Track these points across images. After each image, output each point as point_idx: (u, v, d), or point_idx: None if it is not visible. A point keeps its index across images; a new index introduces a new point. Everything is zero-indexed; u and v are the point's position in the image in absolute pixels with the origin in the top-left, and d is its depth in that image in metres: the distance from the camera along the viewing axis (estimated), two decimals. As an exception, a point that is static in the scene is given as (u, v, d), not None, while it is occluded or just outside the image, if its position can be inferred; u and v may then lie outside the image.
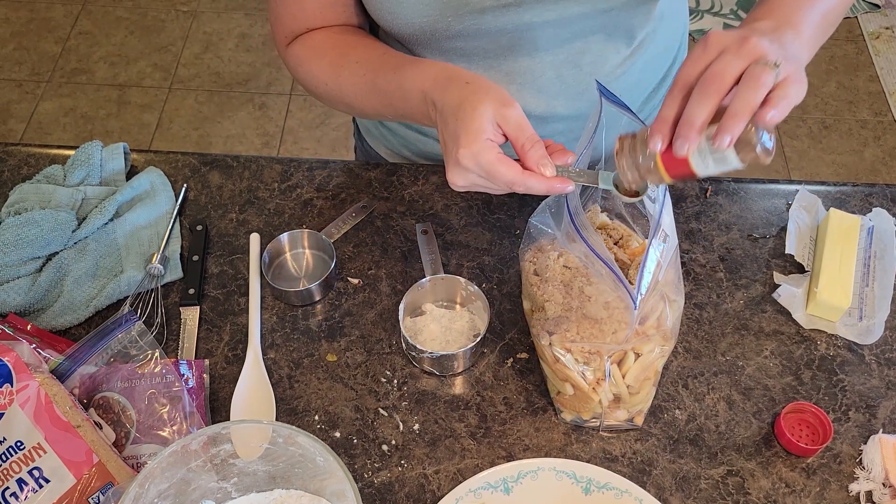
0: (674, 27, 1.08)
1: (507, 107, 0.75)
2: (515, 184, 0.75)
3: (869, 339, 0.94)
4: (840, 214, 1.01)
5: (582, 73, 1.00)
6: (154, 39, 2.80)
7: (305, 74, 0.97)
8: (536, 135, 0.76)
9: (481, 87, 0.77)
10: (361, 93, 0.92)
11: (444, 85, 0.80)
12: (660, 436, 0.88)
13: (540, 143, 0.75)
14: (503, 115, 0.75)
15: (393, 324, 0.96)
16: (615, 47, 0.99)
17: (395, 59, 0.89)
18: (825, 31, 0.84)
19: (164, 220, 1.04)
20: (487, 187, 0.78)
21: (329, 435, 0.88)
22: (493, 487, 0.83)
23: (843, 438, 0.88)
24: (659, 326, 0.79)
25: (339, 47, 0.94)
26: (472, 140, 0.74)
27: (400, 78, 0.85)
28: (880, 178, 2.43)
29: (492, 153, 0.74)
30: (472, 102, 0.76)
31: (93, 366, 0.88)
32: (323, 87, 0.96)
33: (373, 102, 0.91)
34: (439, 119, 0.80)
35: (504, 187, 0.76)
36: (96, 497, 0.78)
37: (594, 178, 0.76)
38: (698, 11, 2.89)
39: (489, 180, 0.76)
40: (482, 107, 0.75)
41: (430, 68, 0.83)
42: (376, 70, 0.89)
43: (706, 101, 0.67)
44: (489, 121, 0.75)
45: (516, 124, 0.75)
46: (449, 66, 0.83)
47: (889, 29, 2.85)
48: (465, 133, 0.74)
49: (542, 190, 0.75)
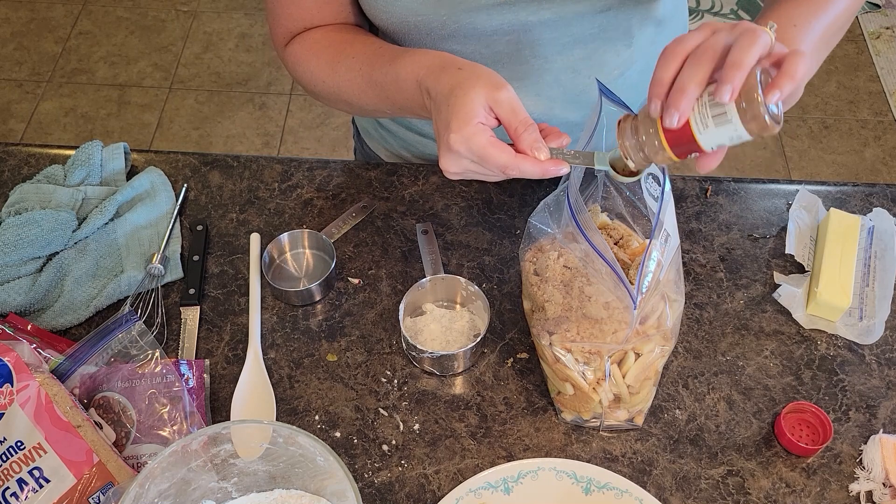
0: (674, 25, 1.08)
1: (499, 90, 0.75)
2: (508, 167, 0.74)
3: (869, 339, 0.94)
4: (840, 214, 1.01)
5: (580, 77, 0.99)
6: (154, 39, 2.80)
7: (303, 73, 0.97)
8: (530, 118, 0.75)
9: (473, 72, 0.77)
10: (358, 87, 0.91)
11: (438, 72, 0.79)
12: (660, 436, 0.88)
13: (534, 126, 0.75)
14: (495, 99, 0.74)
15: (393, 324, 0.96)
16: (614, 50, 0.99)
17: (391, 51, 0.88)
18: (828, 44, 0.84)
19: (164, 220, 1.04)
20: (481, 173, 0.77)
21: (329, 435, 0.88)
22: (493, 487, 0.83)
23: (843, 438, 0.88)
24: (659, 326, 0.79)
25: (336, 45, 0.94)
26: (463, 124, 0.73)
27: (395, 69, 0.85)
28: (881, 178, 2.43)
29: (483, 137, 0.73)
30: (464, 87, 0.75)
31: (93, 366, 0.88)
32: (321, 84, 0.96)
33: (370, 97, 0.91)
34: (433, 107, 0.79)
35: (497, 172, 0.75)
36: (97, 497, 0.78)
37: (590, 159, 0.74)
38: (698, 11, 2.89)
39: (482, 165, 0.75)
40: (473, 91, 0.74)
41: (424, 57, 0.83)
42: (372, 63, 0.89)
43: (697, 67, 0.65)
44: (480, 105, 0.74)
45: (509, 107, 0.75)
46: (443, 54, 0.82)
47: (889, 29, 2.85)
48: (455, 118, 0.74)
49: (536, 173, 0.74)
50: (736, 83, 0.63)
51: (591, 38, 0.96)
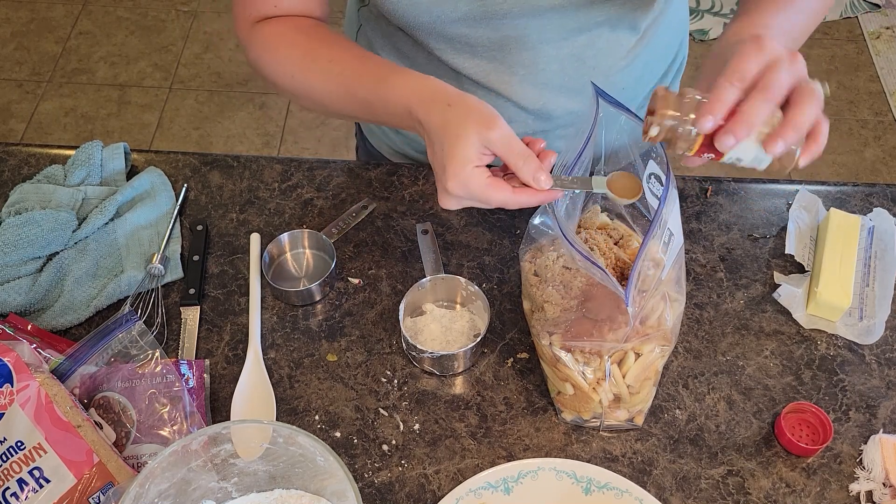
0: (675, 22, 1.08)
1: (491, 129, 0.75)
2: (507, 204, 0.77)
3: (869, 339, 0.94)
4: (840, 214, 1.01)
5: (585, 66, 0.99)
6: (154, 39, 2.80)
7: (269, 62, 0.94)
8: (525, 148, 0.76)
9: (463, 111, 0.77)
10: (336, 95, 0.90)
11: (428, 105, 0.80)
12: (660, 436, 0.88)
13: (531, 157, 0.76)
14: (488, 139, 0.75)
15: (393, 324, 0.96)
16: (619, 39, 0.99)
17: (375, 69, 0.87)
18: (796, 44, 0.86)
19: (164, 220, 1.04)
20: (479, 206, 0.79)
21: (329, 435, 0.88)
22: (493, 487, 0.83)
23: (843, 438, 0.88)
24: (659, 326, 0.79)
25: (310, 42, 0.92)
26: (459, 169, 0.75)
27: (383, 91, 0.84)
28: (881, 177, 2.43)
29: (480, 180, 0.75)
30: (456, 130, 0.76)
31: (93, 366, 0.88)
32: (289, 78, 0.93)
33: (349, 108, 0.90)
34: (426, 139, 0.81)
35: (497, 206, 0.78)
36: (97, 497, 0.78)
37: (588, 183, 0.77)
38: (698, 11, 2.89)
39: (480, 202, 0.78)
40: (465, 134, 0.75)
41: (412, 83, 0.82)
42: (354, 77, 0.88)
43: (765, 105, 0.68)
44: (474, 147, 0.75)
45: (503, 145, 0.76)
46: (431, 82, 0.82)
47: (889, 29, 2.85)
48: (450, 163, 0.75)
49: (533, 204, 0.78)
50: (790, 143, 0.69)
51: (597, 25, 0.96)
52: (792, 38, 0.83)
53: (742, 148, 0.70)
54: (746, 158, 0.71)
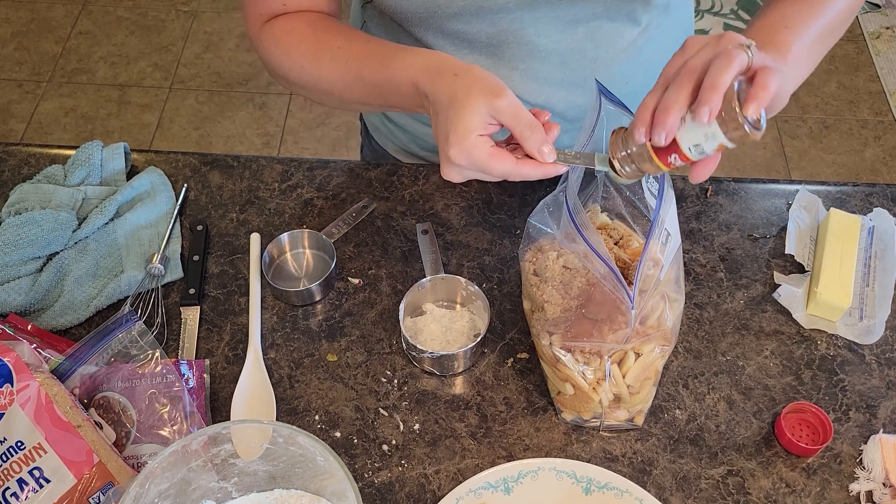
0: (681, 19, 1.08)
1: (499, 97, 0.75)
2: (510, 175, 0.76)
3: (869, 339, 0.94)
4: (840, 214, 1.01)
5: (587, 59, 0.99)
6: (154, 39, 2.80)
7: (280, 56, 0.94)
8: (533, 118, 0.75)
9: (470, 80, 0.77)
10: (344, 81, 0.90)
11: (434, 77, 0.79)
12: (660, 436, 0.88)
13: (539, 128, 0.75)
14: (496, 107, 0.75)
15: (393, 324, 0.96)
16: (618, 30, 0.98)
17: (381, 50, 0.87)
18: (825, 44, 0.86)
19: (164, 220, 1.04)
20: (482, 177, 0.79)
21: (329, 435, 0.88)
22: (493, 487, 0.83)
23: (843, 438, 0.88)
24: (659, 326, 0.79)
25: (319, 33, 0.92)
26: (463, 138, 0.74)
27: (389, 70, 0.84)
28: (881, 177, 2.43)
29: (483, 150, 0.75)
30: (462, 98, 0.75)
31: (93, 366, 0.88)
32: (299, 70, 0.93)
33: (358, 93, 0.90)
34: (431, 112, 0.80)
35: (499, 177, 0.77)
36: (97, 497, 0.78)
37: (590, 159, 0.76)
38: (699, 11, 2.89)
39: (483, 173, 0.77)
40: (472, 102, 0.75)
41: (418, 58, 0.82)
42: (362, 60, 0.88)
43: (679, 88, 0.69)
44: (480, 116, 0.75)
45: (511, 113, 0.75)
46: (437, 55, 0.82)
47: (889, 29, 2.85)
48: (454, 131, 0.75)
49: (536, 176, 0.76)
50: (713, 104, 0.67)
51: (594, 17, 0.95)
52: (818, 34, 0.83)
53: (688, 135, 0.69)
54: (704, 142, 0.70)
